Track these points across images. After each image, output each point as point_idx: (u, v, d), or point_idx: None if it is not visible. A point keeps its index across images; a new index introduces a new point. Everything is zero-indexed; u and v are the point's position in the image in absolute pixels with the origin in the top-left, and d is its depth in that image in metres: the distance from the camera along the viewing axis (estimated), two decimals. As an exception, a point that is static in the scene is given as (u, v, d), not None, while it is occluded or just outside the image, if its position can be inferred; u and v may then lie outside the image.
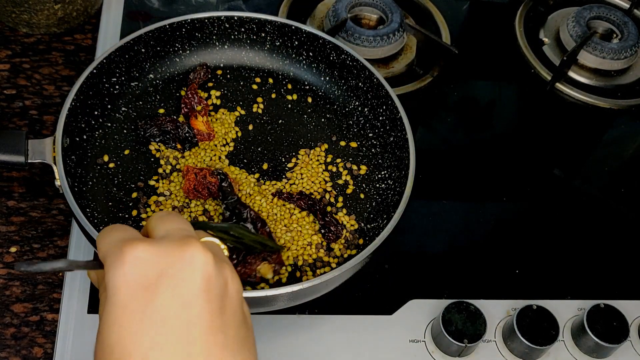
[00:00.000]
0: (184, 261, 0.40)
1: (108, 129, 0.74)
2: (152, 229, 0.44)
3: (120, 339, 0.39)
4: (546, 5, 1.04)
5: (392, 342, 0.70)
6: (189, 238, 0.41)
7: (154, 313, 0.39)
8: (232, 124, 0.77)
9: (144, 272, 0.39)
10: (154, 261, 0.40)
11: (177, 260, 0.40)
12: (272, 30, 0.79)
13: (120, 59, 0.74)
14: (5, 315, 0.68)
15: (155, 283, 0.39)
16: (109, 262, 0.40)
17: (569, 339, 0.72)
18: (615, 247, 0.81)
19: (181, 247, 0.40)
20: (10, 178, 0.77)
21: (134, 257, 0.40)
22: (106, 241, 0.42)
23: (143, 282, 0.39)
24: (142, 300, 0.39)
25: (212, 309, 0.40)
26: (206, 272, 0.40)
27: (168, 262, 0.40)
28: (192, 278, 0.40)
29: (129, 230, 0.43)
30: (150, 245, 0.40)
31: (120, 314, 0.39)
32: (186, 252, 0.40)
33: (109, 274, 0.40)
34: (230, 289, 0.42)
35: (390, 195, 0.71)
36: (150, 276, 0.39)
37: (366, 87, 0.77)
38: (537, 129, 0.92)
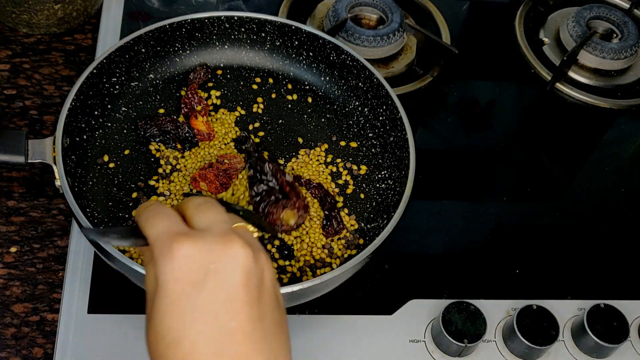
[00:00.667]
0: (227, 258, 0.44)
1: (108, 129, 0.74)
2: (191, 217, 0.48)
3: (170, 329, 0.43)
4: (546, 5, 1.04)
5: (392, 342, 0.70)
6: (230, 234, 0.45)
7: (201, 306, 0.43)
8: (232, 124, 0.77)
9: (191, 269, 0.44)
10: (200, 258, 0.44)
11: (221, 257, 0.44)
12: (272, 30, 0.79)
13: (120, 59, 0.74)
14: (5, 315, 0.68)
15: (202, 279, 0.44)
16: (158, 254, 0.45)
17: (569, 339, 0.72)
18: (615, 247, 0.81)
19: (224, 244, 0.45)
20: (10, 178, 0.77)
21: (182, 255, 0.44)
22: (154, 230, 0.46)
23: (191, 278, 0.44)
24: (190, 295, 0.44)
25: (251, 300, 0.45)
26: (246, 266, 0.45)
27: (213, 259, 0.44)
28: (234, 273, 0.44)
29: (172, 218, 0.47)
30: (196, 242, 0.45)
31: (171, 307, 0.44)
32: (229, 250, 0.45)
33: (159, 266, 0.45)
34: (266, 277, 0.46)
35: (390, 195, 0.71)
36: (197, 272, 0.44)
37: (366, 87, 0.77)
38: (537, 129, 0.92)
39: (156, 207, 0.49)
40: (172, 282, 0.44)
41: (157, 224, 0.47)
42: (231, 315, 0.44)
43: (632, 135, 0.93)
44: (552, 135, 0.91)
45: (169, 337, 0.44)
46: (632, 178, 0.88)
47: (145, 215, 0.48)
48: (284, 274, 0.67)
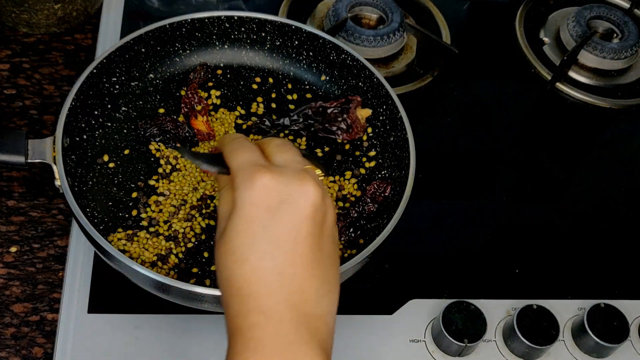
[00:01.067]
0: (300, 193, 0.50)
1: (108, 129, 0.74)
2: (271, 154, 0.54)
3: (241, 245, 0.49)
4: (546, 5, 1.04)
5: (392, 342, 0.70)
6: (304, 173, 0.51)
7: (272, 230, 0.49)
8: (232, 123, 0.77)
9: (268, 197, 0.49)
10: (277, 188, 0.49)
11: (295, 191, 0.50)
12: (272, 30, 0.79)
13: (120, 59, 0.74)
14: (5, 315, 0.68)
15: (275, 207, 0.49)
16: (240, 181, 0.50)
17: (569, 338, 0.72)
18: (615, 247, 0.81)
19: (299, 180, 0.50)
20: (10, 178, 0.77)
21: (262, 184, 0.49)
22: (238, 159, 0.52)
23: (266, 204, 0.49)
24: (263, 219, 0.49)
25: (315, 232, 0.50)
26: (315, 202, 0.50)
27: (288, 191, 0.49)
28: (305, 207, 0.49)
29: (255, 152, 0.53)
30: (275, 175, 0.50)
31: (244, 227, 0.49)
32: (303, 186, 0.50)
33: (239, 191, 0.50)
34: (329, 216, 0.52)
35: (391, 195, 0.71)
36: (272, 201, 0.49)
37: (366, 87, 0.77)
38: (537, 129, 0.92)
39: (241, 140, 0.55)
40: (249, 206, 0.49)
41: (241, 156, 0.53)
42: (296, 241, 0.49)
43: (632, 135, 0.93)
44: (552, 135, 0.91)
45: (239, 253, 0.49)
46: (632, 178, 0.88)
47: (230, 147, 0.54)
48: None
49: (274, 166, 0.52)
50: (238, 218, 0.49)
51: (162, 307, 0.67)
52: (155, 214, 0.69)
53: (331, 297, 0.51)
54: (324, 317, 0.50)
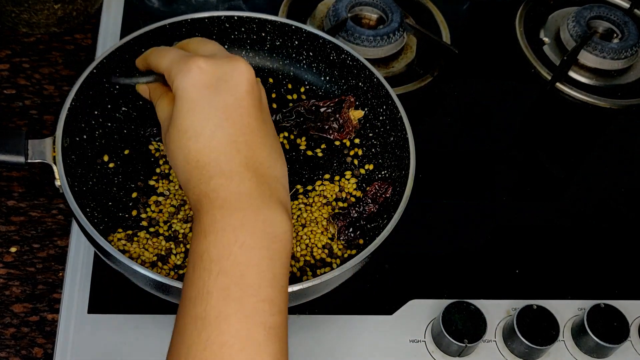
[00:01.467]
0: (234, 71, 0.53)
1: (108, 129, 0.74)
2: (196, 49, 0.58)
3: (192, 123, 0.52)
4: (546, 5, 1.04)
5: (392, 342, 0.70)
6: (233, 56, 0.55)
7: (217, 104, 0.52)
8: None
9: (206, 77, 0.52)
10: (213, 70, 0.53)
11: (230, 69, 0.53)
12: (272, 30, 0.79)
13: (120, 59, 0.74)
14: (5, 315, 0.68)
15: (215, 84, 0.52)
16: (176, 72, 0.53)
17: (569, 339, 0.72)
18: (615, 247, 0.81)
19: (231, 61, 0.54)
20: (10, 178, 0.77)
21: (198, 67, 0.52)
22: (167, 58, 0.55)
23: (206, 83, 0.52)
24: (207, 95, 0.52)
25: (256, 105, 0.54)
26: (251, 79, 0.54)
27: (224, 70, 0.53)
28: (242, 81, 0.53)
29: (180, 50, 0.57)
30: (207, 59, 0.53)
31: (191, 106, 0.52)
32: (235, 65, 0.54)
33: (178, 79, 0.53)
34: (263, 95, 0.56)
35: (390, 195, 0.71)
36: (211, 80, 0.52)
37: (366, 87, 0.77)
38: (537, 129, 0.92)
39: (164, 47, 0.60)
40: (190, 88, 0.52)
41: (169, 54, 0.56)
42: (241, 113, 0.53)
43: (632, 135, 0.93)
44: (552, 135, 0.91)
45: (191, 131, 0.52)
46: (632, 178, 0.88)
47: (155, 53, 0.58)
48: (284, 274, 0.67)
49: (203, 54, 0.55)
50: (183, 102, 0.52)
51: (162, 307, 0.67)
52: (155, 214, 0.69)
53: (281, 163, 0.56)
54: (279, 179, 0.54)
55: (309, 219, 0.70)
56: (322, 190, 0.73)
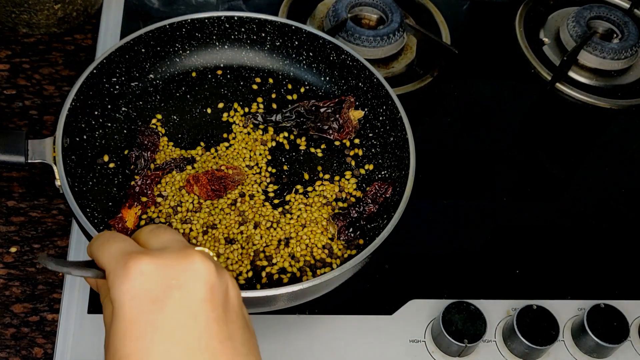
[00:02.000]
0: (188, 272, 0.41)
1: (108, 129, 0.74)
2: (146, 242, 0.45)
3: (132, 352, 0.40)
4: (546, 5, 1.04)
5: (392, 342, 0.70)
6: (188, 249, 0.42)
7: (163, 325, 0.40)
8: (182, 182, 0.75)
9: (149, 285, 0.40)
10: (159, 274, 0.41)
11: (181, 271, 0.41)
12: (272, 30, 0.79)
13: (120, 59, 0.74)
14: (5, 316, 0.68)
15: (161, 295, 0.40)
16: (114, 276, 0.41)
17: (569, 339, 0.72)
18: (615, 247, 0.81)
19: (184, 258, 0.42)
20: (10, 178, 0.77)
21: (139, 271, 0.41)
22: (107, 253, 0.43)
23: (150, 295, 0.40)
24: (150, 313, 0.40)
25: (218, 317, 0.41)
26: (209, 280, 0.41)
27: (172, 274, 0.41)
28: (197, 288, 0.41)
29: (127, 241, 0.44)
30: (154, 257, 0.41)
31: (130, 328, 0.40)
32: (189, 263, 0.41)
33: (115, 288, 0.41)
34: (232, 294, 0.43)
35: (390, 195, 0.71)
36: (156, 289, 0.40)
37: (366, 87, 0.77)
38: (537, 129, 0.92)
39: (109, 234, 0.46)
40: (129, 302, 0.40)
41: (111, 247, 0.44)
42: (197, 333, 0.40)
43: (632, 135, 0.93)
44: (552, 135, 0.91)
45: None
46: (632, 178, 0.88)
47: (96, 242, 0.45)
48: (284, 274, 0.67)
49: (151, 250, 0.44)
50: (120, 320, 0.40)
51: (162, 307, 0.67)
52: (154, 214, 0.69)
53: None
54: None
55: (309, 219, 0.70)
56: (322, 190, 0.73)
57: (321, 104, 0.76)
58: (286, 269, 0.68)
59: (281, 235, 0.69)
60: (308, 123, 0.76)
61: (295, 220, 0.70)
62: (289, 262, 0.68)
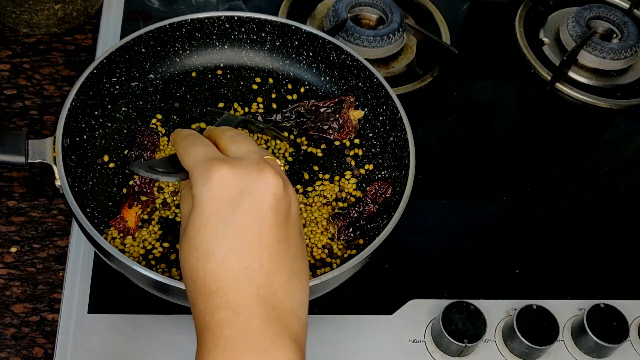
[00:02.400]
0: (260, 183, 0.48)
1: (108, 129, 0.74)
2: (225, 148, 0.52)
3: (205, 241, 0.47)
4: (546, 5, 1.04)
5: (392, 342, 0.70)
6: (263, 163, 0.49)
7: (234, 223, 0.47)
8: None
9: (227, 189, 0.47)
10: (236, 181, 0.48)
11: (254, 182, 0.48)
12: (272, 30, 0.79)
13: (120, 59, 0.74)
14: (5, 316, 0.68)
15: (236, 199, 0.47)
16: (197, 177, 0.48)
17: (569, 339, 0.72)
18: (615, 247, 0.81)
19: (258, 171, 0.48)
20: (10, 178, 0.77)
21: (220, 177, 0.47)
22: (192, 155, 0.50)
23: (226, 197, 0.47)
24: (224, 212, 0.47)
25: (280, 223, 0.48)
26: (277, 193, 0.48)
27: (247, 183, 0.48)
28: (266, 197, 0.48)
29: (209, 146, 0.51)
30: (233, 166, 0.48)
31: (206, 222, 0.47)
32: (262, 176, 0.48)
33: (197, 187, 0.48)
34: (292, 206, 0.50)
35: (390, 195, 0.71)
36: (232, 193, 0.47)
37: (366, 87, 0.77)
38: (537, 129, 0.92)
39: (192, 136, 0.53)
40: (208, 201, 0.47)
41: (195, 151, 0.50)
42: (260, 233, 0.47)
43: (632, 135, 0.93)
44: (552, 135, 0.91)
45: (202, 249, 0.47)
46: (632, 178, 0.88)
47: (182, 144, 0.52)
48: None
49: (230, 158, 0.50)
50: (198, 214, 0.48)
51: (162, 307, 0.67)
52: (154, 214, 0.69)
53: (301, 289, 0.49)
54: (295, 309, 0.49)
55: (309, 219, 0.70)
56: (322, 190, 0.73)
57: (321, 104, 0.76)
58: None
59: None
60: (308, 123, 0.76)
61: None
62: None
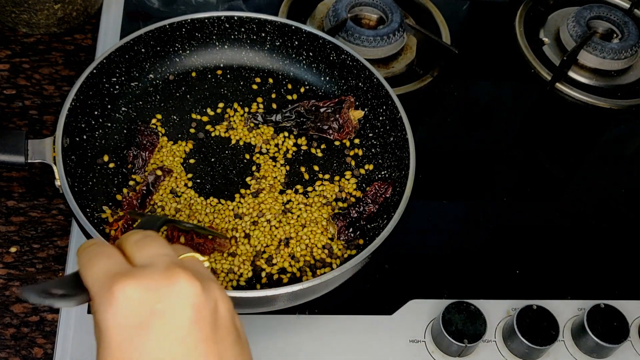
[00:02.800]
0: (173, 295, 0.40)
1: (108, 129, 0.74)
2: (131, 255, 0.44)
3: None
4: (546, 5, 1.04)
5: (392, 342, 0.70)
6: (174, 268, 0.41)
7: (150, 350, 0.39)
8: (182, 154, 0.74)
9: (134, 311, 0.40)
10: (143, 298, 0.40)
11: (166, 294, 0.40)
12: (272, 30, 0.79)
13: (120, 59, 0.74)
14: (5, 316, 0.68)
15: (146, 321, 0.39)
16: (99, 301, 0.41)
17: (569, 339, 0.72)
18: (615, 247, 0.81)
19: (168, 279, 0.41)
20: (10, 178, 0.77)
21: (124, 297, 0.40)
22: (91, 273, 0.42)
23: (134, 321, 0.39)
24: (135, 340, 0.39)
25: (207, 337, 0.41)
26: (195, 301, 0.40)
27: (157, 298, 0.40)
28: (182, 311, 0.40)
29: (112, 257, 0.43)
30: (138, 279, 0.40)
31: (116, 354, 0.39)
32: (173, 285, 0.40)
33: (99, 313, 0.40)
34: (221, 308, 0.42)
35: (391, 195, 0.71)
36: (141, 314, 0.40)
37: (366, 87, 0.77)
38: (537, 129, 0.92)
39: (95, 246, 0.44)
40: (114, 328, 0.40)
41: (96, 266, 0.42)
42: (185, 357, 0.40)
43: (632, 135, 0.93)
44: (552, 135, 0.91)
45: None
46: (632, 178, 0.88)
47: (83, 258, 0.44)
48: (284, 274, 0.67)
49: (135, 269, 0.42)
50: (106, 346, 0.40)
51: (162, 307, 0.66)
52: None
53: None
54: None
55: (309, 219, 0.70)
56: (322, 190, 0.73)
57: (321, 104, 0.76)
58: (286, 269, 0.68)
59: (281, 236, 0.69)
60: (308, 123, 0.76)
61: (295, 220, 0.70)
62: (289, 262, 0.68)
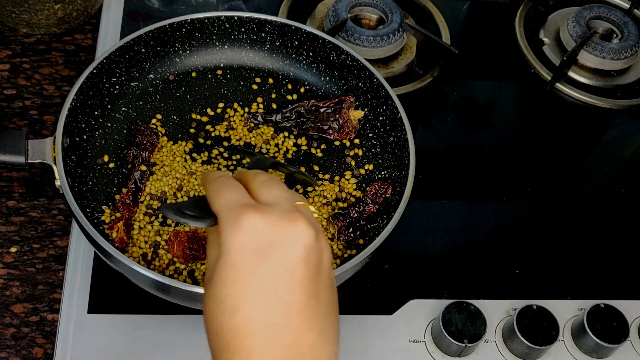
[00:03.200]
0: (291, 234, 0.45)
1: (108, 129, 0.74)
2: (257, 193, 0.49)
3: (230, 294, 0.44)
4: (546, 5, 1.04)
5: (392, 342, 0.70)
6: (295, 212, 0.46)
7: (262, 277, 0.44)
8: (183, 154, 0.74)
9: (256, 240, 0.45)
10: (266, 231, 0.45)
11: (285, 232, 0.45)
12: (272, 30, 0.79)
13: (120, 59, 0.74)
14: (5, 316, 0.68)
15: (265, 250, 0.45)
16: (225, 224, 0.46)
17: (569, 339, 0.72)
18: (615, 247, 0.81)
19: (290, 220, 0.46)
20: (10, 178, 0.77)
21: (250, 226, 0.45)
22: (222, 201, 0.47)
23: (255, 248, 0.45)
24: (252, 264, 0.44)
25: (310, 277, 0.46)
26: (308, 244, 0.46)
27: (278, 233, 0.45)
28: (296, 249, 0.45)
29: (240, 190, 0.48)
30: (264, 215, 0.45)
31: (233, 274, 0.45)
32: (294, 227, 0.45)
33: (225, 235, 0.45)
34: (324, 258, 0.47)
35: (391, 195, 0.71)
36: (261, 244, 0.45)
37: (366, 87, 0.77)
38: (537, 129, 0.92)
39: (223, 179, 0.50)
40: (236, 251, 0.45)
41: (225, 195, 0.48)
42: (289, 289, 0.45)
43: (632, 135, 0.93)
44: (552, 135, 0.91)
45: (228, 303, 0.45)
46: (632, 178, 0.88)
47: (212, 186, 0.49)
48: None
49: (262, 204, 0.47)
50: (225, 265, 0.45)
51: (162, 307, 0.67)
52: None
53: (330, 349, 0.46)
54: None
55: (309, 219, 0.70)
56: (322, 191, 0.73)
57: (321, 104, 0.76)
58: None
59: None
60: (308, 123, 0.76)
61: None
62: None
